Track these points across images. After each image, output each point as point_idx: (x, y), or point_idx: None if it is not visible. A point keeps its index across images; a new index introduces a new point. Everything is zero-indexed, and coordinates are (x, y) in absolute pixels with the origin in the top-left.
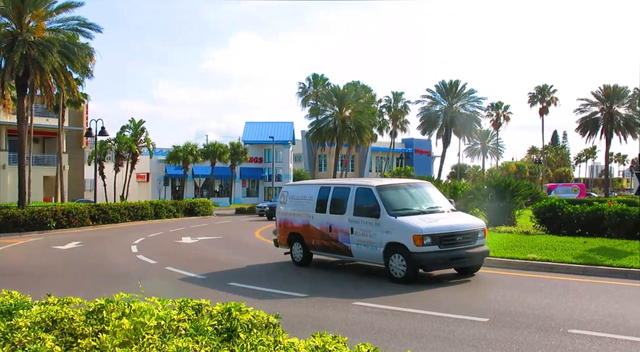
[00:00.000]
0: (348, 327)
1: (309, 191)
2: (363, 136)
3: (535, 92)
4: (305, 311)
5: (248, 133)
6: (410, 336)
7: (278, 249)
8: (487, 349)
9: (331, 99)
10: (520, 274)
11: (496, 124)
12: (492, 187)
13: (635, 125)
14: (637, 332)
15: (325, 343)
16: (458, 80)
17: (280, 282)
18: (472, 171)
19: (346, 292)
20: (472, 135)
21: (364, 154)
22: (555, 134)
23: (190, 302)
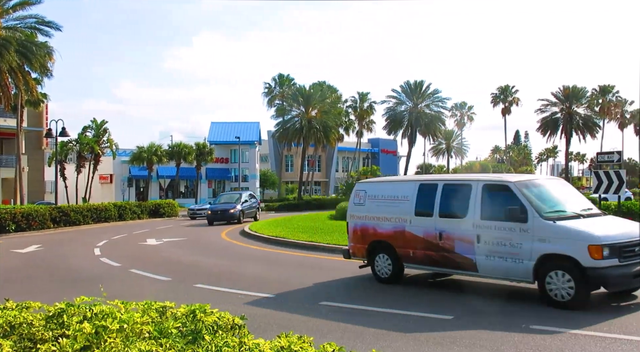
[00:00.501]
0: (315, 327)
1: (402, 189)
2: (329, 136)
3: (498, 92)
4: (272, 312)
5: (214, 133)
6: (377, 335)
7: (245, 250)
8: (452, 346)
9: (297, 99)
10: None
11: (460, 124)
12: None
13: (594, 125)
14: (597, 328)
15: (291, 343)
16: (423, 80)
17: (248, 283)
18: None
19: (315, 293)
20: (436, 135)
21: (330, 154)
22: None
23: (154, 305)
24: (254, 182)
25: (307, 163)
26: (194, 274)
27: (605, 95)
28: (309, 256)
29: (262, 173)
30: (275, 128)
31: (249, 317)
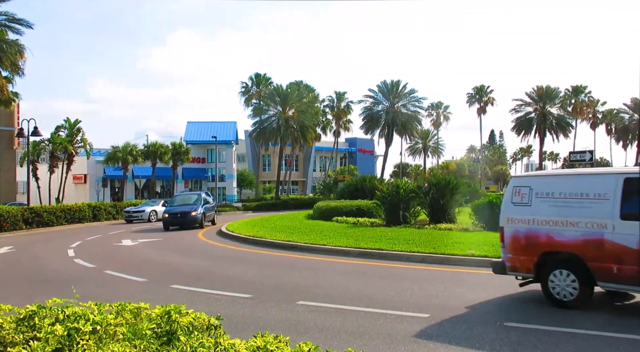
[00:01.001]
0: (292, 327)
1: (594, 184)
2: (307, 136)
3: (473, 92)
4: (249, 312)
5: (190, 133)
6: (353, 334)
7: (222, 250)
8: (428, 344)
9: (274, 99)
10: (459, 270)
11: (436, 123)
12: (433, 185)
13: (567, 124)
14: (569, 324)
15: (267, 343)
16: (399, 80)
17: (225, 284)
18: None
19: (292, 292)
20: (413, 134)
21: (308, 154)
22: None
23: (128, 306)
24: (231, 182)
25: (284, 163)
26: (170, 274)
27: (578, 96)
28: (287, 255)
29: (240, 173)
30: (253, 127)
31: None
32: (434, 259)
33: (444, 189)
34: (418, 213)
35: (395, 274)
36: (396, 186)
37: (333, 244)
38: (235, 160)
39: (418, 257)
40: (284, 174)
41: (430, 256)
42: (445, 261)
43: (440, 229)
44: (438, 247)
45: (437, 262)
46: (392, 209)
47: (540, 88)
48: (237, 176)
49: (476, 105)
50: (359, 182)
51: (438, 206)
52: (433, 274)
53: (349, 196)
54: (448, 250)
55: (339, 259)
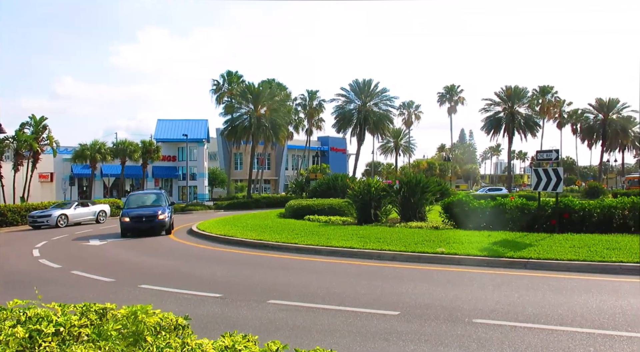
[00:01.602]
0: (262, 326)
1: None
2: (279, 134)
3: (444, 92)
4: (220, 311)
5: (160, 131)
6: (324, 332)
7: (193, 249)
8: (398, 341)
9: (246, 97)
10: (429, 268)
11: (408, 122)
12: (404, 184)
13: (534, 124)
14: (534, 320)
15: (235, 343)
16: (371, 79)
17: (195, 283)
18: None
19: (263, 291)
20: (385, 133)
21: (280, 152)
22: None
23: (94, 307)
24: (203, 181)
25: (256, 161)
26: (139, 274)
27: (545, 96)
28: (258, 254)
29: (211, 171)
30: (224, 126)
31: (195, 318)
32: (405, 257)
33: (414, 188)
34: (389, 211)
35: (366, 272)
36: (368, 184)
37: (305, 243)
38: (207, 158)
39: (389, 255)
40: (256, 173)
41: (401, 254)
42: (415, 259)
43: (411, 227)
44: (409, 246)
45: (407, 260)
46: (364, 207)
47: (509, 88)
48: (209, 174)
49: (447, 105)
50: (331, 181)
51: (409, 204)
52: (403, 272)
53: (321, 195)
54: (418, 248)
55: (311, 257)
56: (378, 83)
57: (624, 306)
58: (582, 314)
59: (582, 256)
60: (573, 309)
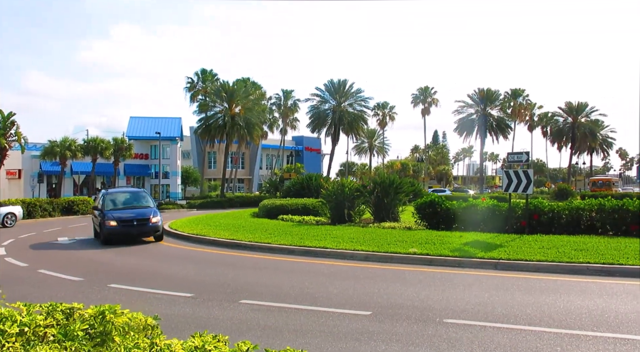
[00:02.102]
0: (234, 326)
1: None
2: (253, 133)
3: (418, 93)
4: (191, 311)
5: (133, 128)
6: (296, 332)
7: (165, 249)
8: (369, 341)
9: (220, 95)
10: (402, 268)
11: (382, 123)
12: (378, 185)
13: (506, 126)
14: (503, 320)
15: (205, 343)
16: (346, 79)
17: (166, 283)
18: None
19: (235, 291)
20: (359, 133)
21: (254, 151)
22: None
23: (60, 306)
24: (176, 179)
25: (230, 160)
26: (108, 273)
27: (517, 99)
28: (231, 254)
29: (184, 170)
30: (198, 124)
31: (165, 317)
32: (378, 257)
33: (388, 188)
34: (363, 212)
35: (339, 272)
36: (341, 184)
37: (278, 243)
38: (180, 157)
39: (361, 255)
40: (230, 172)
41: (374, 254)
42: (388, 259)
43: (384, 228)
44: (381, 246)
45: (380, 260)
46: (337, 207)
47: (481, 90)
48: (182, 173)
49: (420, 106)
50: (305, 181)
51: (382, 204)
52: (376, 272)
53: (295, 194)
54: (391, 248)
55: (284, 257)
56: (353, 83)
57: (590, 306)
58: (549, 314)
59: (550, 257)
60: (541, 309)
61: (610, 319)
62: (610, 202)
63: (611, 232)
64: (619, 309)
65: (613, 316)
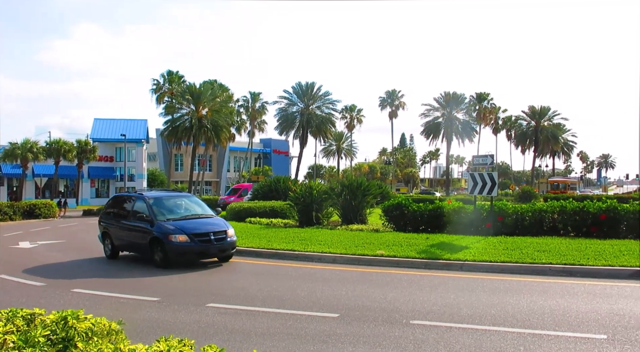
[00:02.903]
0: (201, 330)
1: None
2: (220, 135)
3: (385, 96)
4: (157, 316)
5: (97, 130)
6: (263, 335)
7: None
8: (337, 343)
9: (187, 97)
10: (368, 270)
11: (350, 126)
12: (345, 187)
13: (471, 130)
14: (468, 320)
15: (171, 347)
16: (314, 82)
17: (132, 287)
18: (328, 171)
19: (202, 295)
20: (327, 136)
21: (222, 154)
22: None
23: (20, 312)
24: (141, 182)
25: (197, 162)
26: (72, 278)
27: (482, 102)
28: None
29: (150, 172)
30: (164, 126)
31: (130, 322)
32: (345, 259)
33: (355, 191)
34: (330, 214)
35: (307, 274)
36: (309, 187)
37: (245, 246)
38: (146, 159)
39: (329, 257)
40: (197, 174)
41: (342, 257)
42: (355, 261)
43: (352, 230)
44: (349, 248)
45: (348, 262)
46: (306, 210)
47: (447, 94)
48: (148, 175)
49: (388, 109)
50: (273, 183)
51: (350, 207)
52: (344, 275)
53: (262, 197)
54: (359, 250)
55: (251, 260)
56: (321, 86)
57: (552, 306)
58: (513, 314)
59: (514, 258)
60: (505, 310)
61: (571, 318)
62: (572, 204)
63: (572, 233)
64: (580, 309)
65: (574, 316)
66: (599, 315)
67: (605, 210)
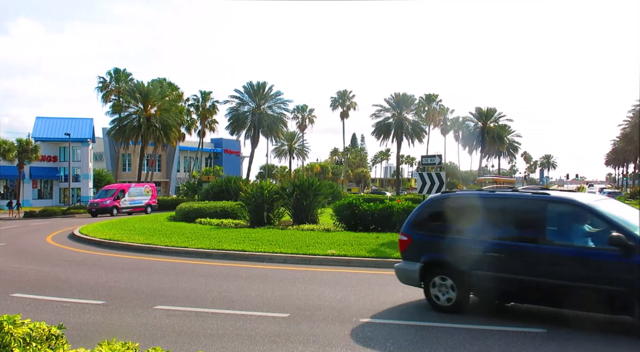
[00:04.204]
0: (148, 333)
1: None
2: (170, 135)
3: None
4: (102, 319)
5: (40, 129)
6: (212, 337)
7: (74, 255)
8: (287, 343)
9: (135, 96)
10: (319, 269)
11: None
12: (297, 187)
13: (421, 130)
14: (416, 317)
15: (114, 351)
16: (265, 82)
17: (75, 290)
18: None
19: (150, 297)
20: (279, 136)
21: (171, 154)
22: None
23: None
24: (87, 182)
25: (146, 162)
26: (11, 282)
27: (430, 104)
28: (146, 259)
29: (97, 173)
30: (111, 125)
31: (73, 327)
32: (296, 259)
33: (307, 191)
34: (282, 214)
35: (258, 275)
36: (261, 187)
37: (195, 247)
38: (92, 159)
39: (280, 258)
40: (146, 175)
41: (293, 257)
42: (307, 261)
43: (303, 230)
44: (300, 248)
45: (299, 262)
46: (257, 210)
47: (397, 95)
48: (94, 175)
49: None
50: (224, 183)
51: (301, 207)
52: (295, 274)
53: (213, 197)
54: (310, 250)
55: (201, 261)
56: (272, 86)
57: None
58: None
59: None
60: None
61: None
62: None
63: None
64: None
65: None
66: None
67: None
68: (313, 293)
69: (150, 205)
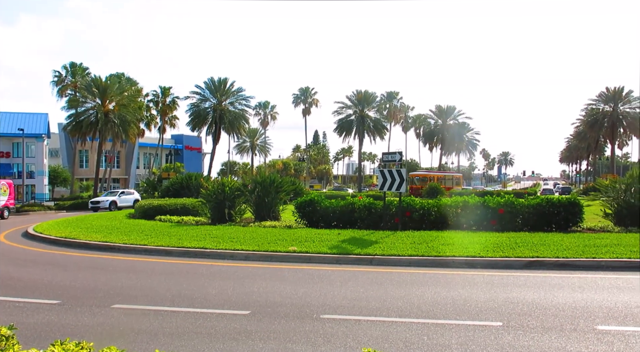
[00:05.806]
0: (105, 332)
1: None
2: (129, 131)
3: (299, 93)
4: (57, 319)
5: None
6: (172, 335)
7: (28, 253)
8: (247, 340)
9: (92, 91)
10: (281, 266)
11: (264, 122)
12: (258, 184)
13: (382, 127)
14: (377, 313)
15: (67, 351)
16: (227, 78)
17: (29, 290)
18: (242, 168)
19: (107, 296)
20: (241, 132)
21: (130, 150)
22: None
23: None
24: (42, 179)
25: (104, 159)
26: None
27: (392, 101)
28: (103, 257)
29: (52, 169)
30: (67, 120)
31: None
32: (258, 256)
33: (269, 188)
34: (243, 211)
35: (218, 272)
36: (222, 184)
37: (154, 244)
38: (47, 155)
39: (242, 255)
40: (104, 171)
41: (254, 254)
42: (268, 258)
43: (265, 227)
44: (262, 245)
45: (260, 259)
46: (218, 207)
47: (359, 92)
48: (50, 172)
49: (301, 106)
50: (185, 180)
51: (263, 203)
52: (256, 271)
53: (174, 194)
54: (271, 247)
55: (161, 259)
56: (234, 82)
57: (454, 296)
58: (418, 306)
59: (421, 252)
60: (411, 301)
61: (471, 308)
62: (474, 199)
63: (474, 227)
64: (479, 298)
65: (474, 305)
66: (496, 303)
67: (504, 205)
68: (274, 290)
69: (7, 207)
